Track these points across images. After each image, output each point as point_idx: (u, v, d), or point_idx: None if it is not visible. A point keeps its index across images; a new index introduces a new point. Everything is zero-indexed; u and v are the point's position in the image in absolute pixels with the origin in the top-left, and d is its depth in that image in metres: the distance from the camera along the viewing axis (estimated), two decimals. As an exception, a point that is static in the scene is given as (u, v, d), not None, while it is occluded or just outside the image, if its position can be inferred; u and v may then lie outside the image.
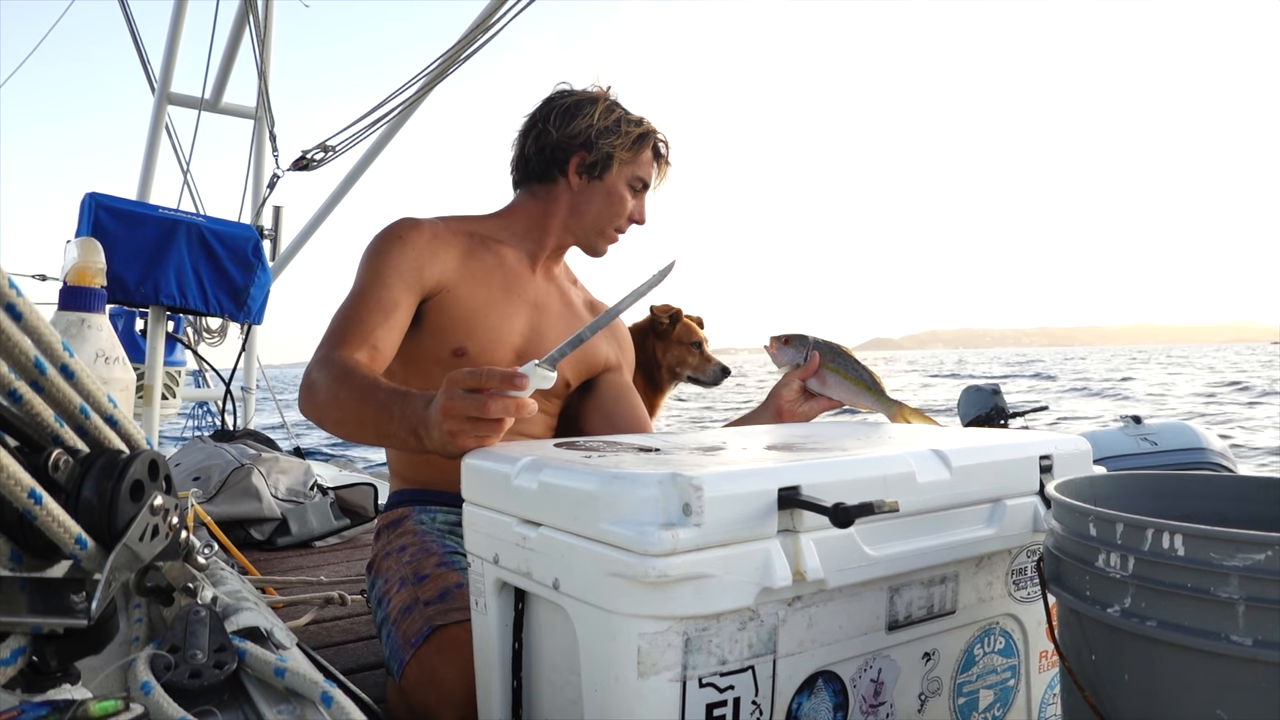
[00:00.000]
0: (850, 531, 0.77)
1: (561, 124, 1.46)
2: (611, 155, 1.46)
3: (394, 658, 1.17)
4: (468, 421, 0.94)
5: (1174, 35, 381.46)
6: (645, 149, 1.49)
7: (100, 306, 1.11)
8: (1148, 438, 3.74)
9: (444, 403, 0.95)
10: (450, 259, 1.40)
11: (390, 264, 1.34)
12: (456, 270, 1.40)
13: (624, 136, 1.46)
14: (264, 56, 4.57)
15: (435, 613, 1.14)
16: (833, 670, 0.81)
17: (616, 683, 0.72)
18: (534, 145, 1.49)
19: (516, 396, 0.93)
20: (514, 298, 1.45)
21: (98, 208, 2.58)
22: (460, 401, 0.93)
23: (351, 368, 1.18)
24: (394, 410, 1.06)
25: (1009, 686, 1.00)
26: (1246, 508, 0.86)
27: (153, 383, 2.83)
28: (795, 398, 1.40)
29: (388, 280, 1.33)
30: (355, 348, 1.25)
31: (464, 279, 1.40)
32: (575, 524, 0.76)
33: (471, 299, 1.40)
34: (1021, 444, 0.99)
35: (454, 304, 1.38)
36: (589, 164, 1.46)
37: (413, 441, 1.03)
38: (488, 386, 0.93)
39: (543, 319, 1.49)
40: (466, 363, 1.37)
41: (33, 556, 0.55)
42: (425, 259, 1.37)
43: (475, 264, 1.43)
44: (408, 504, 1.44)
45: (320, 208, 4.75)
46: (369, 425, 1.11)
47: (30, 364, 0.52)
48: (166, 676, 0.61)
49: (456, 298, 1.39)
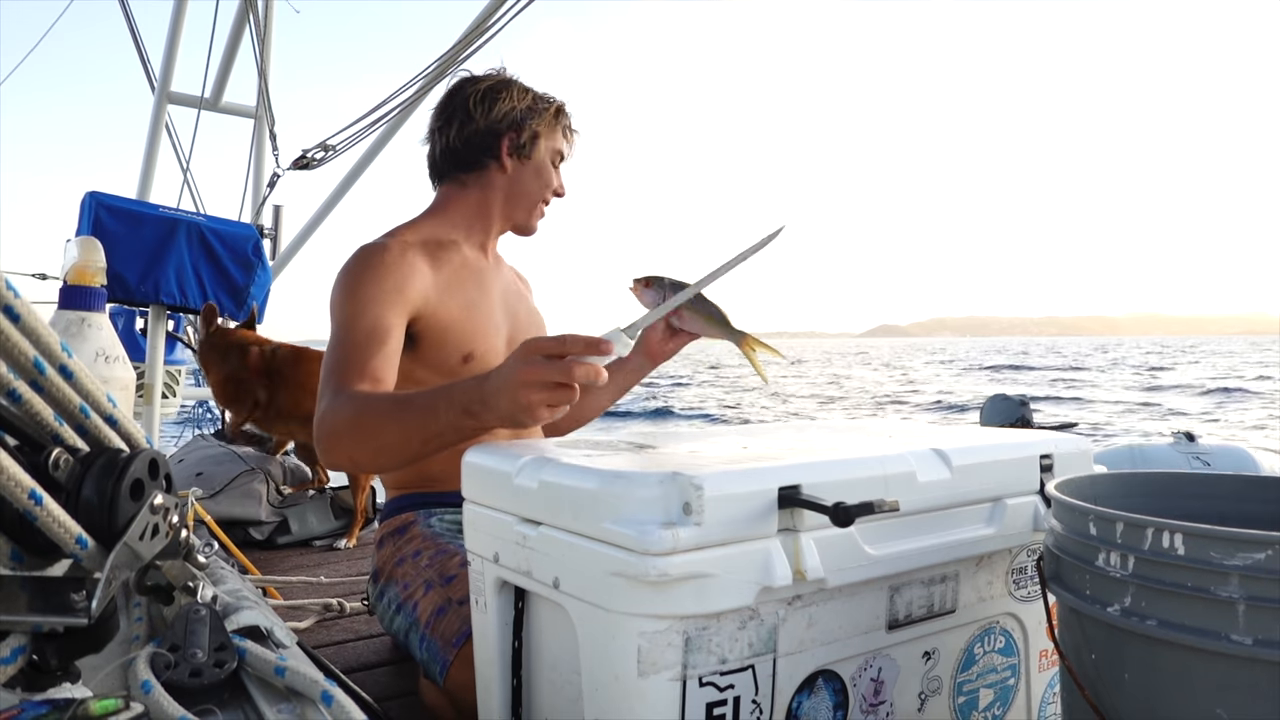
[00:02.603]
0: (850, 531, 0.77)
1: (485, 110, 1.46)
2: (538, 133, 1.49)
3: (434, 660, 1.16)
4: (545, 390, 0.91)
5: (1185, 26, 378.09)
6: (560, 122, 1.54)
7: (100, 305, 1.11)
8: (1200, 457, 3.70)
9: (522, 369, 0.92)
10: (423, 275, 1.38)
11: (369, 294, 1.31)
12: (433, 284, 1.38)
13: (543, 113, 1.50)
14: (264, 55, 4.56)
15: None
16: (833, 669, 0.81)
17: (616, 682, 0.72)
18: (459, 136, 1.48)
19: (598, 363, 0.91)
20: (487, 293, 1.47)
21: (98, 206, 2.58)
22: (541, 368, 0.90)
23: (365, 396, 1.16)
24: (438, 404, 1.03)
25: (1009, 685, 1.00)
26: (1246, 507, 0.86)
27: (153, 382, 2.83)
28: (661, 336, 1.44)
29: (371, 309, 1.29)
30: (356, 383, 1.21)
31: (443, 291, 1.39)
32: (576, 523, 0.76)
33: (459, 304, 1.40)
34: (1022, 443, 0.99)
35: (446, 313, 1.38)
36: (519, 144, 1.48)
37: (466, 424, 1.00)
38: (571, 351, 0.90)
39: (512, 306, 1.53)
40: (475, 365, 1.37)
41: (33, 555, 0.55)
42: (403, 279, 1.34)
43: (445, 273, 1.42)
44: (409, 509, 1.43)
45: (320, 207, 4.75)
46: (412, 436, 1.07)
47: (29, 364, 0.52)
48: (166, 675, 0.61)
49: (446, 306, 1.38)
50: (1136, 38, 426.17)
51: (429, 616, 1.21)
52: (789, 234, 1.15)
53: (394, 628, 1.31)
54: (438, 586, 1.23)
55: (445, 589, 1.22)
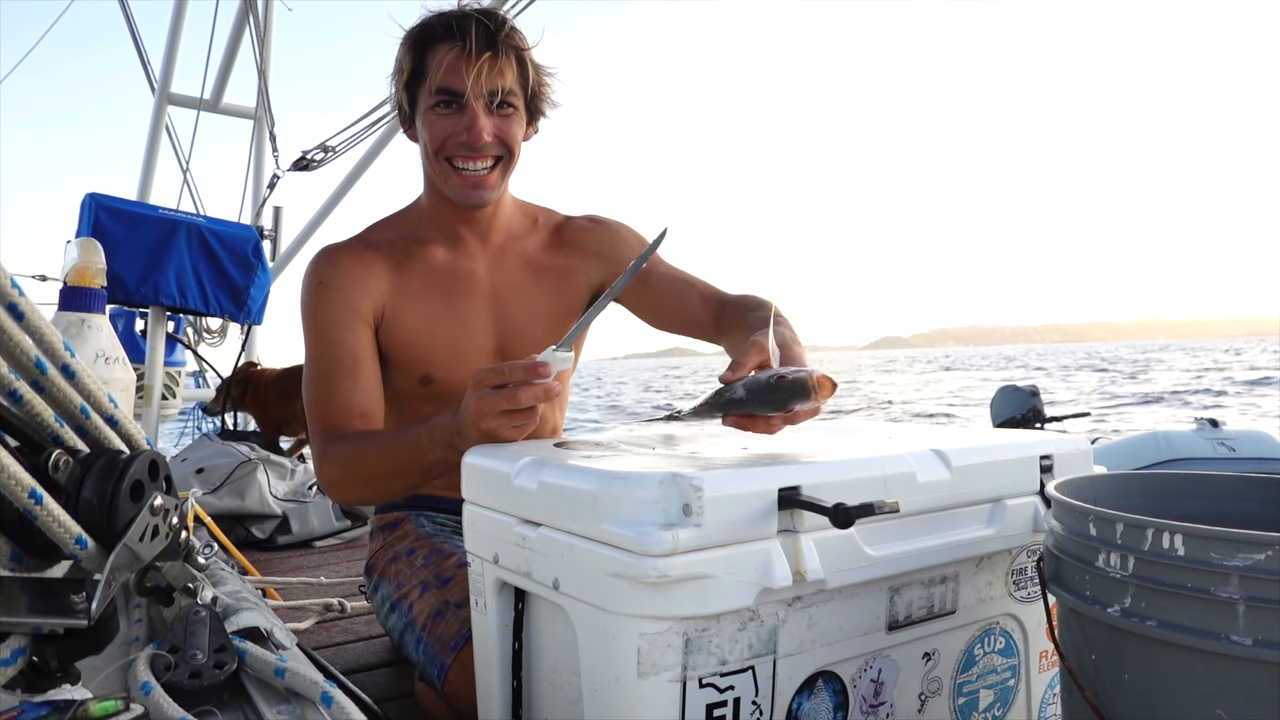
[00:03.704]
0: (850, 532, 0.77)
1: None
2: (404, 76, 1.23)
3: (432, 664, 1.16)
4: (502, 416, 0.96)
5: (1185, 29, 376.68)
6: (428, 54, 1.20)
7: (100, 307, 1.11)
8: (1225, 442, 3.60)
9: (475, 404, 0.97)
10: (379, 283, 1.28)
11: (327, 316, 1.25)
12: (391, 291, 1.29)
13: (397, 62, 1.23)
14: (264, 56, 4.57)
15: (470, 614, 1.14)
16: (833, 670, 0.81)
17: (616, 683, 0.72)
18: None
19: (543, 384, 0.95)
20: (462, 299, 1.32)
21: (98, 208, 2.59)
22: (490, 399, 0.96)
23: (356, 439, 1.18)
24: (422, 439, 1.08)
25: (1009, 686, 1.00)
26: (1246, 508, 0.86)
27: (153, 383, 2.84)
28: None
29: (333, 336, 1.25)
30: (345, 424, 1.21)
31: (402, 298, 1.29)
32: (575, 524, 0.76)
33: (417, 318, 1.29)
34: (1021, 444, 0.99)
35: (401, 329, 1.29)
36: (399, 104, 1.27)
37: (453, 456, 1.03)
38: (511, 380, 0.95)
39: (505, 306, 1.35)
40: (436, 388, 1.32)
41: (33, 557, 0.55)
42: (356, 291, 1.26)
43: (408, 278, 1.30)
44: (403, 507, 1.43)
45: (320, 208, 4.75)
46: (405, 470, 1.12)
47: (31, 364, 0.53)
48: (166, 676, 0.61)
49: (402, 322, 1.29)
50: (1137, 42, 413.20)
51: (425, 619, 1.20)
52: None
53: (389, 625, 1.31)
54: (434, 588, 1.23)
55: (442, 591, 1.21)
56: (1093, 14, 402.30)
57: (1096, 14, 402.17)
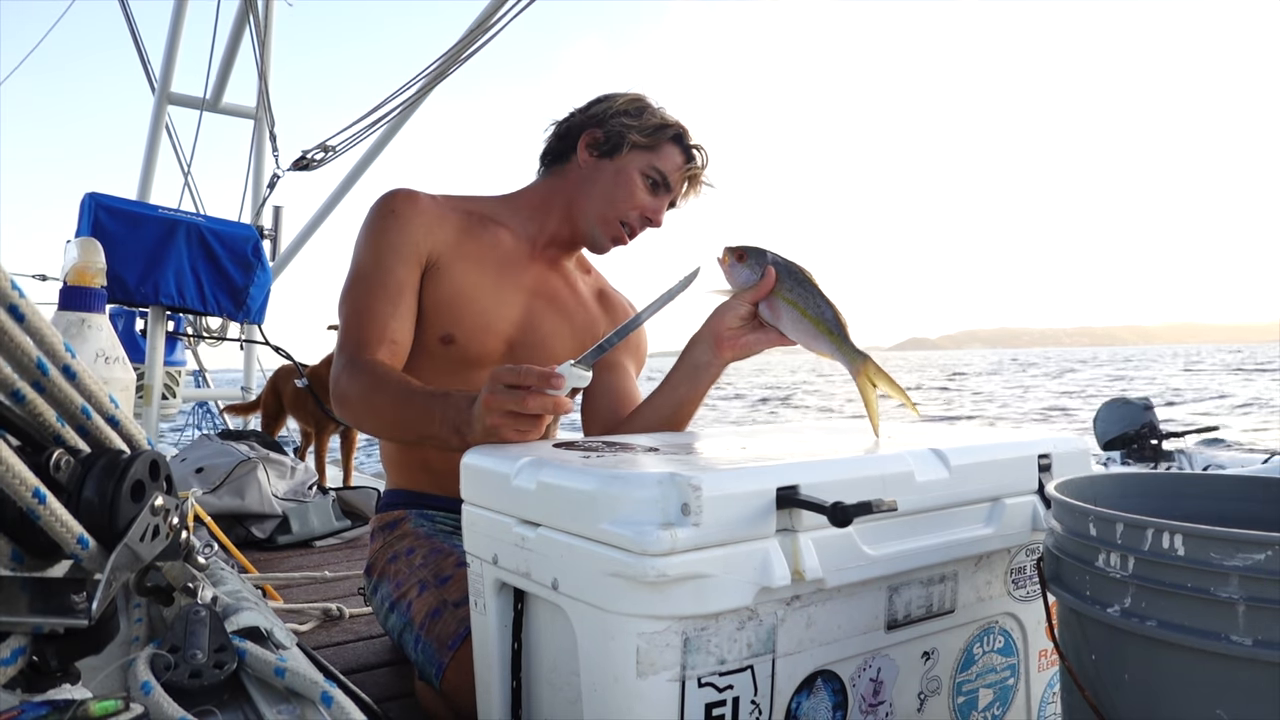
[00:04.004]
0: (849, 531, 0.77)
1: (586, 109, 1.44)
2: (624, 135, 1.38)
3: (430, 663, 1.17)
4: (508, 416, 0.98)
5: (1219, 30, 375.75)
6: (665, 141, 1.40)
7: (100, 306, 1.11)
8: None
9: (487, 395, 0.98)
10: (445, 234, 1.35)
11: (388, 243, 1.31)
12: (450, 247, 1.35)
13: (643, 121, 1.39)
14: (264, 56, 4.57)
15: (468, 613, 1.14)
16: (832, 670, 0.81)
17: (615, 683, 0.72)
18: (556, 131, 1.46)
19: (554, 395, 0.97)
20: (507, 283, 1.40)
21: (98, 208, 2.59)
22: (502, 396, 0.97)
23: (381, 374, 1.20)
24: (435, 412, 1.09)
25: (1008, 686, 1.00)
26: (1246, 508, 0.86)
27: (153, 383, 2.84)
28: (740, 325, 1.15)
29: (388, 262, 1.30)
30: (375, 347, 1.26)
31: (456, 258, 1.35)
32: (574, 524, 0.76)
33: (462, 280, 1.35)
34: (1020, 443, 0.99)
35: (444, 283, 1.34)
36: (599, 140, 1.40)
37: (455, 440, 1.05)
38: (527, 383, 0.97)
39: (540, 307, 1.43)
40: (454, 350, 1.35)
41: (33, 556, 0.55)
42: (420, 233, 1.33)
43: (470, 243, 1.38)
44: (403, 506, 1.43)
45: (320, 208, 4.76)
46: (410, 427, 1.15)
47: (32, 364, 0.53)
48: (166, 676, 0.61)
49: (449, 277, 1.35)
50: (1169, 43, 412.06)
51: (424, 618, 1.21)
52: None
53: (388, 625, 1.31)
54: (432, 588, 1.23)
55: (440, 590, 1.21)
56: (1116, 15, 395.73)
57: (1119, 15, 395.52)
